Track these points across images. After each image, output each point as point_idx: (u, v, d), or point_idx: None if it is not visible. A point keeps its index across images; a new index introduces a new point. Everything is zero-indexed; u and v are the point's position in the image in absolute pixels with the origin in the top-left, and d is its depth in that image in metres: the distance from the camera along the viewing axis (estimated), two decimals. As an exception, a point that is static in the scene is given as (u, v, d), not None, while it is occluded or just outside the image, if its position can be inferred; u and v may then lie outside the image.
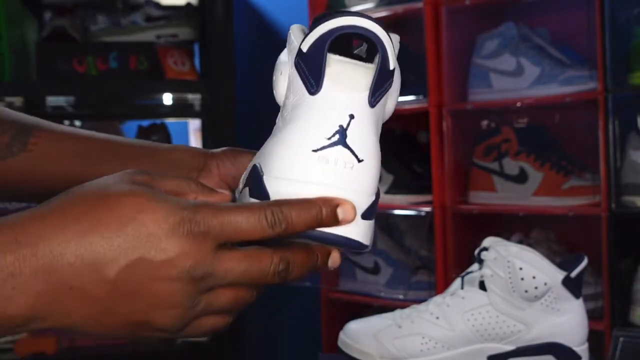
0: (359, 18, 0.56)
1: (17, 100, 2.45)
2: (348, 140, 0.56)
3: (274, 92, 0.60)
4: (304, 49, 0.57)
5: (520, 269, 1.00)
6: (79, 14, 2.64)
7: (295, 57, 0.58)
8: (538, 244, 2.06)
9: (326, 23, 0.56)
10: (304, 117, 0.57)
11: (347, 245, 0.58)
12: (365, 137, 0.57)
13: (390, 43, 0.57)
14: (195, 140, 3.25)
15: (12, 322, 0.52)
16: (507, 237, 1.99)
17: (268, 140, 0.60)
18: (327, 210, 0.55)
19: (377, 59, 0.57)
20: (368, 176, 0.57)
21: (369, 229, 0.58)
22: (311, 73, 0.57)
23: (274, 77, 0.60)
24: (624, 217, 1.89)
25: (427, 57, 2.16)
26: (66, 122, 2.85)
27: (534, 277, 0.99)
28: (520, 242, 1.96)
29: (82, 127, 2.88)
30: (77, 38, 2.46)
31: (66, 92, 2.46)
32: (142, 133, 2.73)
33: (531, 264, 1.00)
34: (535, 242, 2.07)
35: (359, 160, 0.56)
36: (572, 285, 1.01)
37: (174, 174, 0.71)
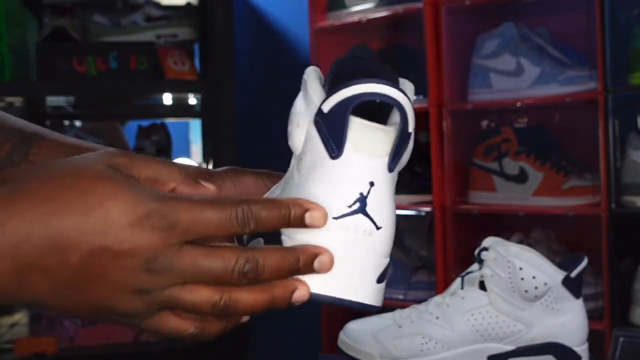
0: (383, 86, 0.55)
1: (17, 100, 2.45)
2: (368, 209, 0.56)
3: (289, 142, 0.59)
4: (325, 109, 0.56)
5: (520, 269, 1.00)
6: (79, 14, 2.64)
7: (316, 116, 0.57)
8: (538, 244, 2.06)
9: (350, 88, 0.55)
10: (325, 181, 0.57)
11: (362, 309, 0.59)
12: (384, 203, 0.57)
13: (411, 107, 0.57)
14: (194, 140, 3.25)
15: None
16: (507, 237, 1.99)
17: (283, 191, 0.60)
18: (295, 212, 0.55)
19: (397, 125, 0.57)
20: (385, 242, 0.58)
21: (381, 291, 0.59)
22: (332, 136, 0.56)
23: (289, 127, 0.59)
24: (624, 217, 1.89)
25: (427, 57, 2.16)
26: (66, 122, 2.86)
27: (534, 277, 0.99)
28: (520, 242, 1.96)
29: (82, 127, 2.89)
30: (77, 38, 2.46)
31: (66, 92, 2.46)
32: (142, 133, 2.73)
33: (531, 264, 1.00)
34: (535, 242, 2.07)
35: (378, 228, 0.57)
36: (572, 285, 1.01)
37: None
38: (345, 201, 0.56)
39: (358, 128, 0.57)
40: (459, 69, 2.18)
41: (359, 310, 0.60)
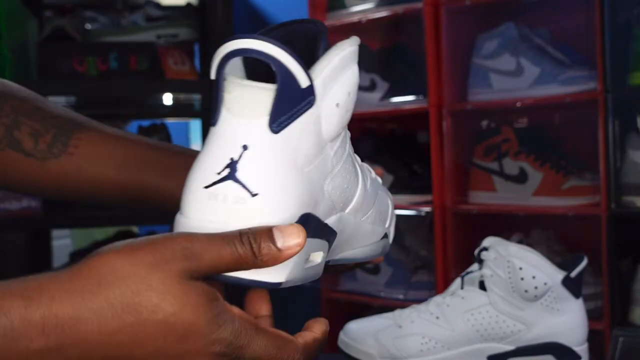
0: (252, 40, 0.51)
1: (17, 100, 2.45)
2: (239, 174, 0.52)
3: None
4: (212, 76, 0.54)
5: (520, 269, 1.00)
6: (79, 14, 2.64)
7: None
8: (538, 244, 2.06)
9: (221, 48, 0.53)
10: (203, 151, 0.54)
11: (255, 286, 0.55)
12: (264, 169, 0.52)
13: (295, 62, 0.52)
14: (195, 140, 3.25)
15: None
16: (507, 237, 1.99)
17: None
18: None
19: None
20: (266, 211, 0.52)
21: (281, 265, 0.54)
22: (215, 102, 0.53)
23: None
24: (624, 217, 1.89)
25: (427, 57, 2.16)
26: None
27: (533, 277, 0.99)
28: (520, 242, 1.96)
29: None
30: (77, 38, 2.46)
31: (66, 92, 2.46)
32: (142, 133, 2.73)
33: (531, 264, 1.00)
34: (535, 242, 2.07)
35: (253, 195, 0.52)
36: (572, 285, 1.01)
37: None
38: (215, 168, 0.52)
39: (235, 89, 0.53)
40: (459, 69, 2.18)
41: (259, 288, 0.57)
